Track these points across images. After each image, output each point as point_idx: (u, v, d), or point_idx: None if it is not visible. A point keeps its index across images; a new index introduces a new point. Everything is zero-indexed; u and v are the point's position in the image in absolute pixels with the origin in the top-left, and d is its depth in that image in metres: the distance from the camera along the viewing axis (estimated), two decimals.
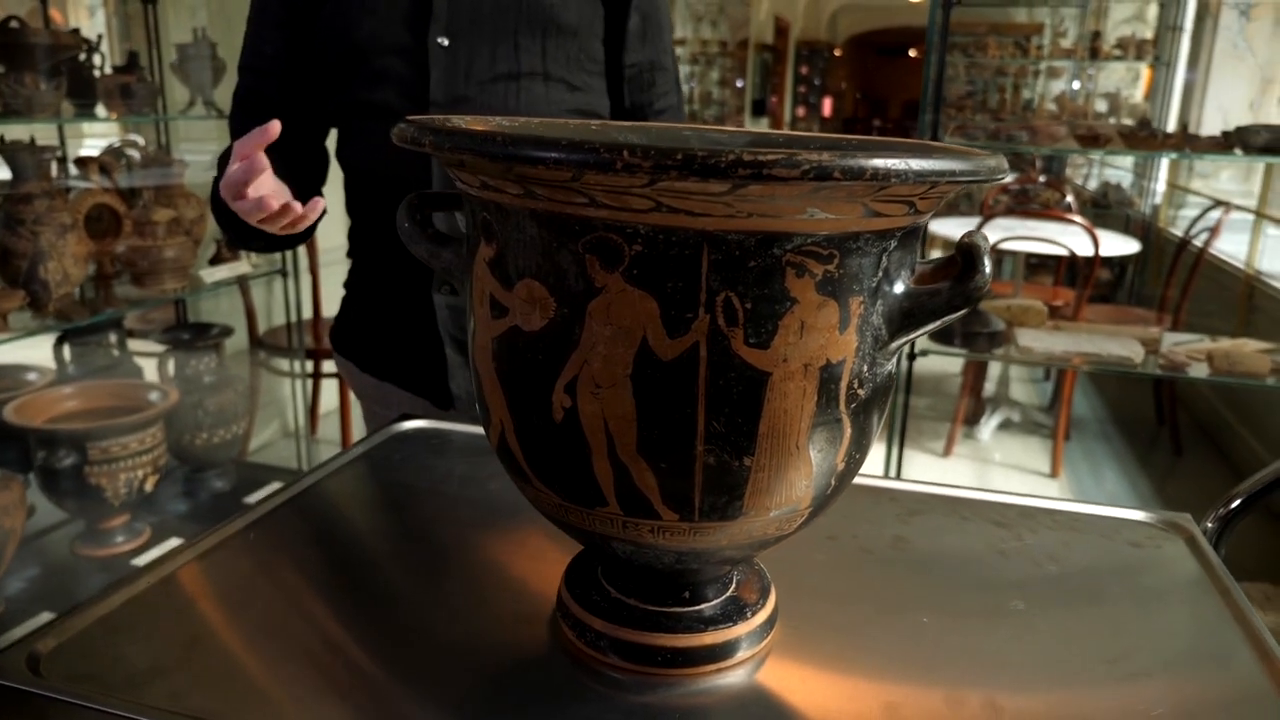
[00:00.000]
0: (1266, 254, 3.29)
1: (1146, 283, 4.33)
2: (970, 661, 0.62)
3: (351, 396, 2.87)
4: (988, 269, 0.53)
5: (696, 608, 0.62)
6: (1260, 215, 3.21)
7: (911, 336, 0.54)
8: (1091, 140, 2.18)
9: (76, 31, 2.23)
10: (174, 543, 2.36)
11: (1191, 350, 1.88)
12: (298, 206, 0.93)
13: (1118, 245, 3.31)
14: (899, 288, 0.53)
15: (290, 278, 2.62)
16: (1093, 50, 4.70)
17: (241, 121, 1.14)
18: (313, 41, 1.12)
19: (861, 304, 0.51)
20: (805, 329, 0.49)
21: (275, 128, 0.87)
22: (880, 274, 0.51)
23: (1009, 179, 3.63)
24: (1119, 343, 1.98)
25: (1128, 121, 4.67)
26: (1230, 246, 3.61)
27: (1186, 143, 2.14)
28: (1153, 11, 5.48)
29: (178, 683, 0.58)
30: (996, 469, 3.17)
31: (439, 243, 0.59)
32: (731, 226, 0.46)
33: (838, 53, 15.31)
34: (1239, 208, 3.25)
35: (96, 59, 2.40)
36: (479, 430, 1.05)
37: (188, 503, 2.52)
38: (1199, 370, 1.90)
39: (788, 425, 0.51)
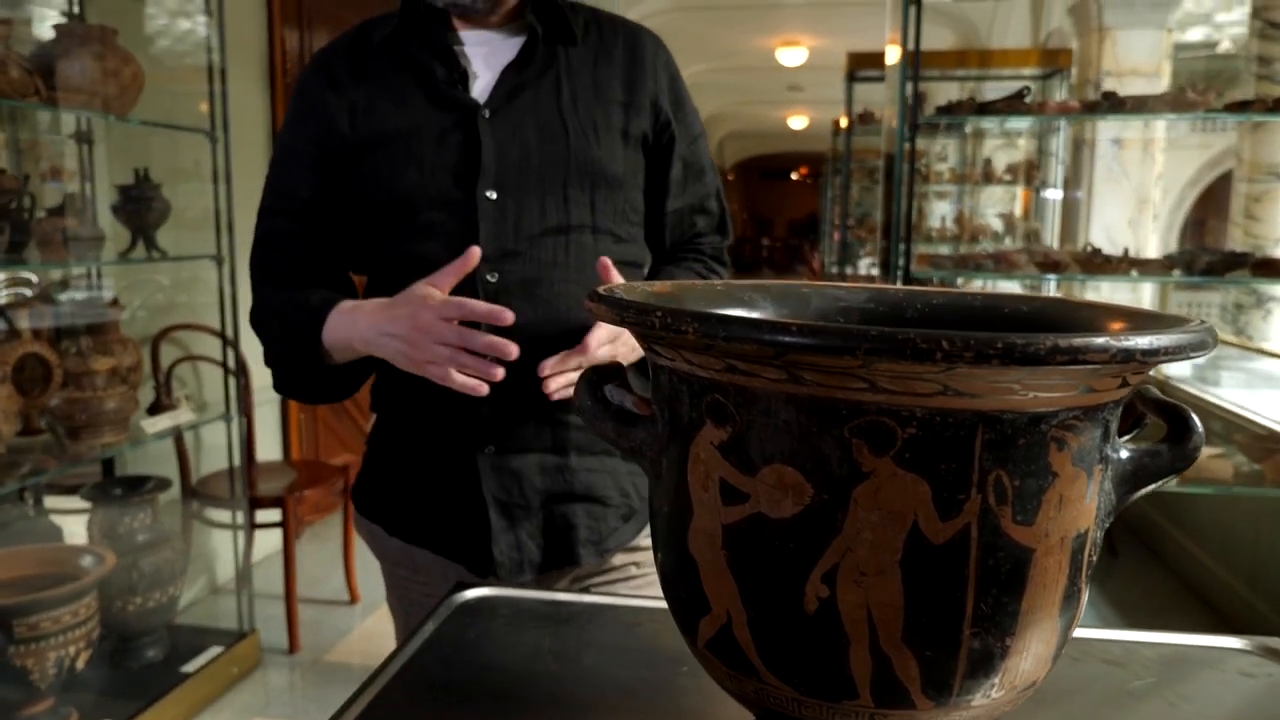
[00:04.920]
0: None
1: None
2: None
3: (301, 548, 2.70)
4: (1200, 428, 0.54)
5: None
6: None
7: (1133, 498, 0.54)
8: (1051, 266, 2.33)
9: (9, 175, 2.13)
10: None
11: None
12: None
13: None
14: (1123, 452, 0.53)
15: (234, 422, 2.48)
16: (985, 175, 5.09)
17: (275, 266, 1.13)
18: (350, 190, 1.10)
19: (1101, 471, 0.51)
20: (1063, 502, 0.48)
21: (475, 255, 0.97)
22: (1111, 440, 0.52)
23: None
24: None
25: (1007, 241, 5.04)
26: None
27: (1134, 266, 2.31)
28: (1023, 139, 5.99)
29: None
30: None
31: (627, 421, 0.57)
32: (1008, 406, 0.45)
33: (730, 176, 16.07)
34: None
35: (26, 201, 2.29)
36: (542, 595, 0.98)
37: (117, 677, 2.28)
38: (1169, 483, 1.97)
39: (1045, 600, 0.49)
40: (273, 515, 2.69)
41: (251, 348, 2.61)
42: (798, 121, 14.59)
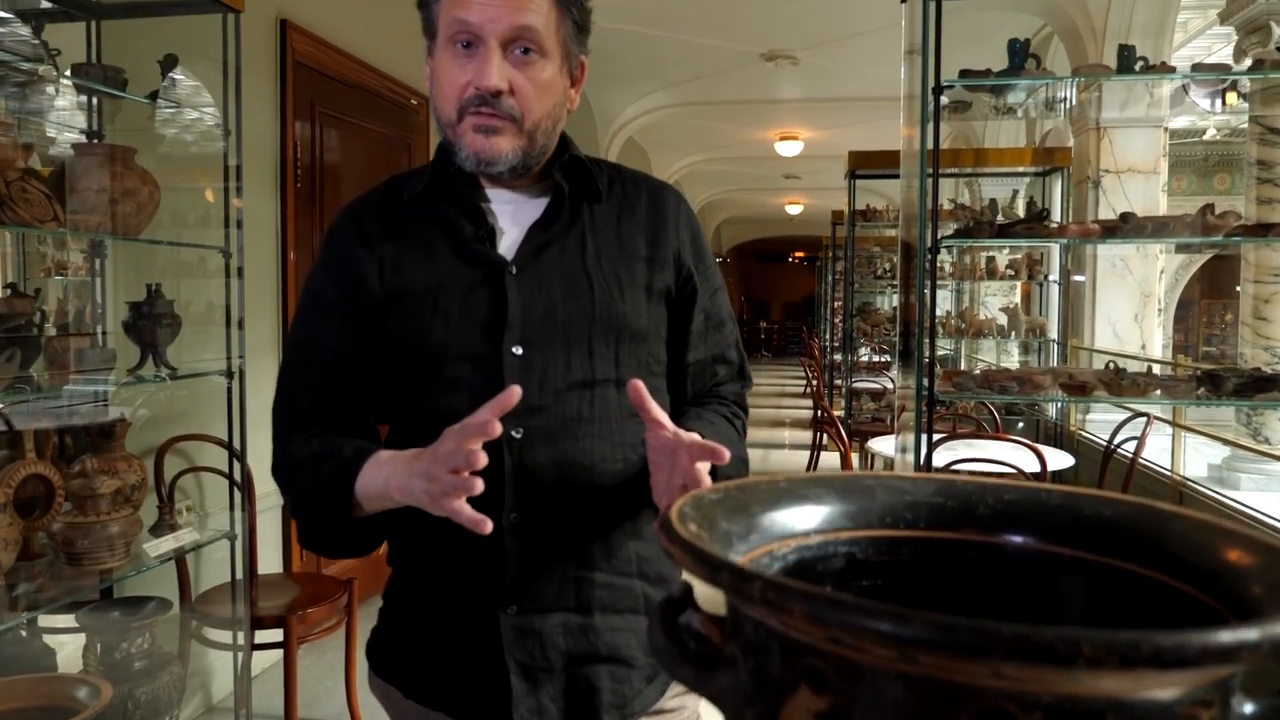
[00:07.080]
0: (1188, 461, 3.50)
1: None
2: None
3: (299, 662, 2.61)
4: None
5: None
6: (1177, 425, 3.45)
7: None
8: (1077, 389, 2.31)
9: (25, 294, 2.12)
10: None
11: None
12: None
13: (1055, 459, 3.47)
14: (1247, 707, 0.49)
15: (238, 540, 2.42)
16: (990, 271, 5.14)
17: (300, 417, 1.11)
18: (377, 343, 1.09)
19: None
20: None
21: (516, 392, 0.89)
22: (1235, 695, 0.48)
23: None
24: None
25: (1012, 336, 5.06)
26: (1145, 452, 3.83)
27: (1159, 386, 2.29)
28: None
29: None
30: None
31: (708, 666, 0.53)
32: (1141, 690, 0.42)
33: (727, 260, 16.29)
34: (1158, 419, 3.49)
35: (36, 317, 2.27)
36: None
37: None
38: None
39: None
40: (274, 634, 2.60)
41: (255, 460, 2.57)
42: (794, 207, 14.85)
